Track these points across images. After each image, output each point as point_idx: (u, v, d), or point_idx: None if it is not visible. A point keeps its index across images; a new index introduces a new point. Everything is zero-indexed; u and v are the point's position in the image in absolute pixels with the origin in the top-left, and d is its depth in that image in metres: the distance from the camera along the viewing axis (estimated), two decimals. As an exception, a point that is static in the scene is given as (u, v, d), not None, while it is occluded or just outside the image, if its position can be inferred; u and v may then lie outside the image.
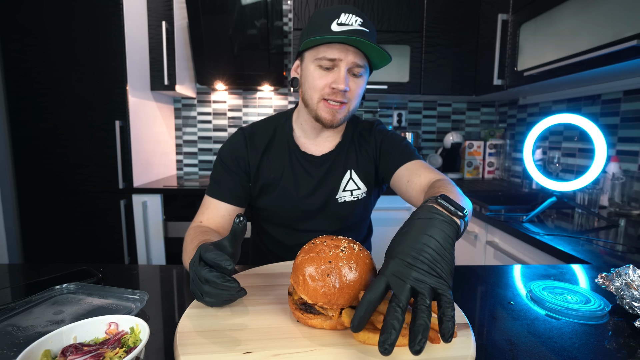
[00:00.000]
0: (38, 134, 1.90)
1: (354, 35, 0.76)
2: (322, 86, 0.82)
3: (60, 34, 1.85)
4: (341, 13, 0.78)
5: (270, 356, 0.44)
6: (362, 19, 0.79)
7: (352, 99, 0.84)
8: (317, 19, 0.82)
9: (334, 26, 0.78)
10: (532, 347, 0.50)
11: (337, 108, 0.83)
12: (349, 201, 0.95)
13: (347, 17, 0.78)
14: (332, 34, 0.77)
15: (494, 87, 1.94)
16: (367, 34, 0.79)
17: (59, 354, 0.41)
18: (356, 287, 0.50)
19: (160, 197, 2.01)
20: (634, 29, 1.10)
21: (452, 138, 2.47)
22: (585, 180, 1.23)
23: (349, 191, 0.95)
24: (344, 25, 0.78)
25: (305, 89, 0.86)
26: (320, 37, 0.76)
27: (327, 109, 0.83)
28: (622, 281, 0.61)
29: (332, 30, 0.78)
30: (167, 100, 2.48)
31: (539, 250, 1.12)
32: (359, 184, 0.96)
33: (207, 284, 0.53)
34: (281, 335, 0.49)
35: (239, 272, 0.71)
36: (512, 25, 1.78)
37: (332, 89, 0.81)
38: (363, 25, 0.79)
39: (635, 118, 1.51)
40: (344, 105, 0.83)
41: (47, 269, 0.75)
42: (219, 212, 0.89)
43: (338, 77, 0.80)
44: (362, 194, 0.96)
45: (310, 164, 0.94)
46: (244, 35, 2.22)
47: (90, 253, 2.01)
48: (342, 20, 0.78)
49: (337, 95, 0.82)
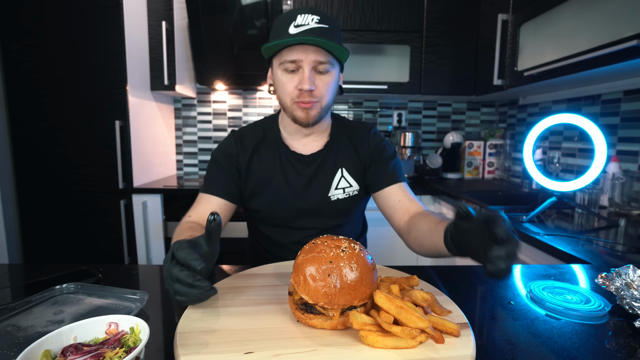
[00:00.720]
0: (38, 134, 1.90)
1: (308, 35, 0.78)
2: (291, 90, 0.85)
3: (60, 34, 1.85)
4: (297, 15, 0.81)
5: (271, 356, 0.44)
6: (319, 16, 0.81)
7: (323, 95, 0.86)
8: (276, 24, 0.85)
9: (291, 29, 0.80)
10: (532, 347, 0.50)
11: (309, 106, 0.85)
12: (342, 198, 0.97)
13: (303, 18, 0.80)
14: (288, 37, 0.79)
15: (494, 87, 1.94)
16: (325, 30, 0.81)
17: (59, 354, 0.41)
18: (357, 287, 0.50)
19: (160, 197, 2.01)
20: (634, 29, 1.10)
21: (452, 138, 2.47)
22: (585, 180, 1.23)
23: (341, 189, 0.97)
24: (300, 26, 0.80)
25: (278, 94, 0.90)
26: (276, 42, 0.79)
27: (299, 109, 0.86)
28: (622, 281, 0.61)
29: (290, 33, 0.80)
30: (167, 100, 2.48)
31: (539, 250, 1.11)
32: (350, 181, 0.97)
33: (177, 283, 0.52)
34: (282, 335, 0.49)
35: (238, 273, 0.71)
36: (512, 25, 1.78)
37: (300, 90, 0.84)
38: (321, 22, 0.81)
39: (635, 118, 1.51)
40: (314, 103, 0.86)
41: (47, 269, 0.75)
42: (209, 206, 0.91)
43: (302, 77, 0.83)
44: (354, 191, 0.98)
45: (300, 163, 0.96)
46: (244, 35, 2.22)
47: (90, 253, 2.01)
48: (299, 21, 0.80)
49: (305, 96, 0.84)
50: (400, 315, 0.47)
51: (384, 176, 0.95)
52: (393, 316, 0.47)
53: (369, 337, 0.46)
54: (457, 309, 0.56)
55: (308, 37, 0.78)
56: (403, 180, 0.96)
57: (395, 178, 0.95)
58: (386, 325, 0.46)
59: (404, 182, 0.96)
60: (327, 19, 0.83)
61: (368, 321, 0.48)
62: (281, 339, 0.48)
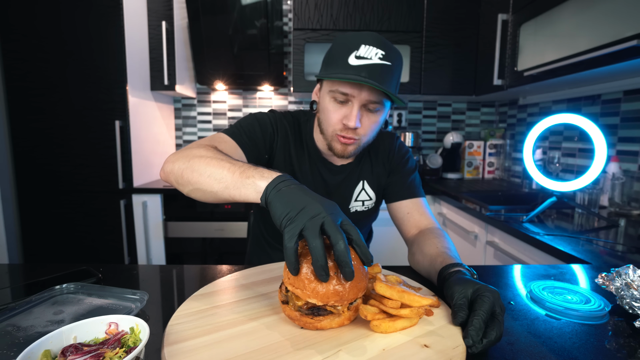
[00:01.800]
0: (38, 134, 1.90)
1: (368, 74, 0.73)
2: (335, 121, 0.81)
3: (61, 34, 1.85)
4: (361, 45, 0.75)
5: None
6: (383, 51, 0.75)
7: (365, 134, 0.83)
8: (336, 48, 0.79)
9: (351, 59, 0.75)
10: (532, 347, 0.50)
11: (349, 142, 0.83)
12: (360, 211, 0.96)
13: (366, 50, 0.75)
14: (347, 71, 0.75)
15: (494, 87, 1.94)
16: (387, 69, 0.75)
17: (59, 354, 0.41)
18: (360, 279, 0.51)
19: (160, 197, 2.01)
20: (634, 29, 1.10)
21: (452, 138, 2.47)
22: (585, 180, 1.23)
23: (360, 201, 0.96)
24: (362, 59, 0.74)
25: (321, 119, 0.86)
26: (334, 76, 0.75)
27: (339, 142, 0.83)
28: (622, 281, 0.61)
29: (350, 64, 0.75)
30: (167, 100, 2.48)
31: (539, 250, 1.11)
32: (370, 194, 0.97)
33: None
34: (298, 346, 0.47)
35: (212, 289, 0.64)
36: (512, 25, 1.78)
37: (344, 124, 0.80)
38: (385, 58, 0.75)
39: (635, 118, 1.51)
40: (355, 140, 0.83)
41: (47, 269, 0.74)
42: (235, 155, 0.79)
43: (350, 114, 0.78)
44: (372, 204, 0.98)
45: (328, 172, 0.94)
46: (244, 35, 2.22)
47: (90, 253, 2.01)
48: (362, 52, 0.75)
49: (349, 132, 0.81)
50: (404, 299, 0.50)
51: (400, 188, 0.95)
52: (398, 301, 0.50)
53: (382, 325, 0.49)
54: (421, 285, 0.64)
55: (367, 79, 0.72)
56: (420, 196, 0.95)
57: (411, 193, 0.94)
58: (394, 310, 0.50)
59: (420, 197, 0.95)
60: (391, 54, 0.77)
61: (376, 311, 0.50)
62: (301, 350, 0.46)
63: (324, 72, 0.80)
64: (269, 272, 0.72)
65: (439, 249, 0.74)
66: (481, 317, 0.48)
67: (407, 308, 0.50)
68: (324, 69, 0.82)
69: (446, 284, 0.59)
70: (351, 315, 0.52)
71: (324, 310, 0.50)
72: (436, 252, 0.73)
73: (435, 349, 0.46)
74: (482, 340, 0.47)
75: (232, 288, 0.64)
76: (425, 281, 0.72)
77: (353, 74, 0.74)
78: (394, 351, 0.46)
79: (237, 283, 0.66)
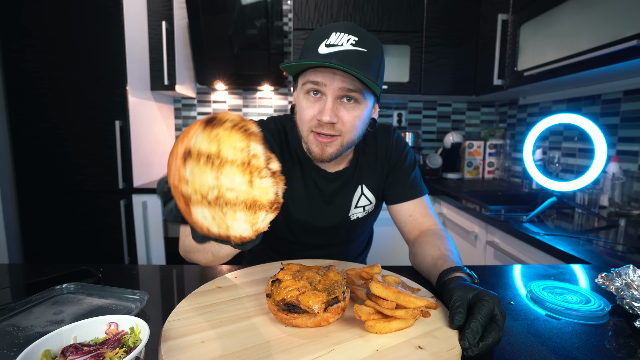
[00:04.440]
0: (38, 134, 1.90)
1: (339, 59, 0.67)
2: (310, 118, 0.74)
3: (61, 34, 1.85)
4: (332, 32, 0.70)
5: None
6: (356, 37, 0.70)
7: (347, 130, 0.74)
8: (308, 40, 0.74)
9: (321, 48, 0.69)
10: (532, 347, 0.50)
11: (327, 141, 0.74)
12: (361, 217, 0.92)
13: (337, 37, 0.69)
14: (315, 57, 0.69)
15: (494, 87, 1.94)
16: (360, 55, 0.69)
17: (59, 354, 0.41)
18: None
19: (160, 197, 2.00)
20: (634, 29, 1.10)
21: (452, 138, 2.47)
22: (585, 180, 1.23)
23: (361, 207, 0.91)
24: (332, 46, 0.69)
25: (297, 119, 0.79)
26: (297, 62, 0.68)
27: (316, 141, 0.75)
28: (622, 281, 0.61)
29: (319, 53, 0.69)
30: (167, 100, 2.48)
31: (539, 250, 1.11)
32: (370, 197, 0.92)
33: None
34: (291, 345, 0.47)
35: (208, 288, 0.64)
36: (512, 25, 1.78)
37: (318, 120, 0.72)
38: (358, 44, 0.69)
39: (635, 118, 1.51)
40: (335, 137, 0.74)
41: (47, 269, 0.75)
42: None
43: (324, 107, 0.71)
44: (372, 207, 0.93)
45: (323, 180, 0.88)
46: (244, 35, 2.22)
47: (90, 253, 2.01)
48: (332, 40, 0.69)
49: (324, 128, 0.72)
50: (400, 300, 0.50)
51: (401, 189, 0.90)
52: (393, 302, 0.50)
53: (377, 325, 0.49)
54: (420, 286, 0.64)
55: (332, 62, 0.65)
56: (422, 193, 0.91)
57: (413, 193, 0.90)
58: (389, 311, 0.50)
59: (422, 195, 0.91)
60: (367, 40, 0.70)
61: (371, 311, 0.50)
62: (295, 348, 0.46)
63: (287, 66, 0.71)
64: (267, 271, 0.72)
65: (441, 250, 0.72)
66: (479, 320, 0.48)
67: (402, 309, 0.50)
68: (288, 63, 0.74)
69: (446, 288, 0.58)
70: (329, 317, 0.51)
71: (299, 308, 0.50)
72: (438, 254, 0.71)
73: (429, 351, 0.46)
74: (478, 343, 0.46)
75: (231, 286, 0.64)
76: (425, 282, 0.72)
77: (323, 62, 0.67)
78: (388, 352, 0.46)
79: (236, 282, 0.66)
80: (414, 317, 0.51)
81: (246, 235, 0.43)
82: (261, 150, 0.45)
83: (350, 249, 0.98)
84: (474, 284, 0.59)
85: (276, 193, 0.46)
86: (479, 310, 0.49)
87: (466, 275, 0.61)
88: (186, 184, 0.40)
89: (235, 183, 0.43)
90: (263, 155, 0.45)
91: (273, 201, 0.45)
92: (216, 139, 0.42)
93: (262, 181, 0.45)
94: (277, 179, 0.46)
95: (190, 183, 0.40)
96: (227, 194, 0.42)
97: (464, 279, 0.60)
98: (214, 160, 0.41)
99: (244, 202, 0.43)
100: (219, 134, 0.42)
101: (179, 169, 0.40)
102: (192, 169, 0.40)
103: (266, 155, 0.46)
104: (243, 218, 0.43)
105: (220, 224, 0.42)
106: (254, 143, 0.44)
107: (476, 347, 0.46)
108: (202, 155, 0.41)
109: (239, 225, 0.43)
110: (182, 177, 0.39)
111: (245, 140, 0.44)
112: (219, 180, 0.42)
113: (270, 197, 0.45)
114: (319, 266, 0.61)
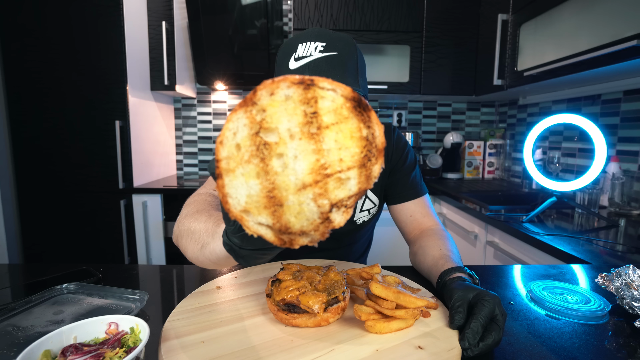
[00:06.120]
0: (38, 134, 1.90)
1: (311, 71, 0.67)
2: None
3: (61, 34, 1.85)
4: (298, 44, 0.70)
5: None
6: (324, 42, 0.69)
7: None
8: (278, 56, 0.74)
9: (291, 63, 0.70)
10: (532, 347, 0.50)
11: None
12: (366, 221, 0.92)
13: (304, 48, 0.69)
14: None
15: (494, 87, 1.94)
16: (332, 60, 0.69)
17: (59, 354, 0.41)
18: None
19: (160, 197, 2.01)
20: (634, 29, 1.10)
21: (452, 138, 2.47)
22: (585, 180, 1.23)
23: (366, 210, 0.91)
24: (301, 59, 0.69)
25: None
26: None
27: None
28: (622, 281, 0.61)
29: (290, 69, 0.70)
30: (167, 100, 2.48)
31: (539, 250, 1.11)
32: (374, 199, 0.92)
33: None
34: (291, 345, 0.47)
35: (206, 289, 0.64)
36: (512, 25, 1.78)
37: None
38: (327, 49, 0.69)
39: (635, 118, 1.51)
40: None
41: (47, 269, 0.75)
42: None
43: None
44: (376, 209, 0.94)
45: None
46: (244, 35, 2.22)
47: (90, 253, 2.01)
48: (300, 52, 0.69)
49: None
50: (400, 300, 0.50)
51: (402, 189, 0.91)
52: (393, 302, 0.50)
53: (377, 325, 0.49)
54: (420, 286, 0.63)
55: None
56: (422, 193, 0.91)
57: (413, 193, 0.90)
58: (389, 311, 0.50)
59: (423, 195, 0.91)
60: (335, 42, 0.70)
61: (371, 311, 0.51)
62: (295, 348, 0.47)
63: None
64: (267, 271, 0.72)
65: (441, 251, 0.72)
66: (479, 320, 0.48)
67: (402, 309, 0.50)
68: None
69: (447, 288, 0.58)
70: (329, 317, 0.51)
71: (299, 308, 0.51)
72: (439, 254, 0.72)
73: (429, 351, 0.46)
74: (478, 343, 0.47)
75: (231, 286, 0.64)
76: (426, 282, 0.72)
77: None
78: (388, 352, 0.46)
79: (236, 281, 0.66)
80: (414, 317, 0.51)
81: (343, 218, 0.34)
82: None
83: (352, 250, 0.99)
84: (474, 284, 0.59)
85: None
86: (480, 311, 0.49)
87: (467, 276, 0.61)
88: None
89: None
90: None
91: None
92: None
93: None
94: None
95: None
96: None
97: (464, 279, 0.60)
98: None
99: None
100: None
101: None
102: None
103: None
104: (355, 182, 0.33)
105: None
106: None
107: (476, 347, 0.46)
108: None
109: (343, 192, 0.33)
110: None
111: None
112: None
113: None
114: (319, 266, 0.61)
